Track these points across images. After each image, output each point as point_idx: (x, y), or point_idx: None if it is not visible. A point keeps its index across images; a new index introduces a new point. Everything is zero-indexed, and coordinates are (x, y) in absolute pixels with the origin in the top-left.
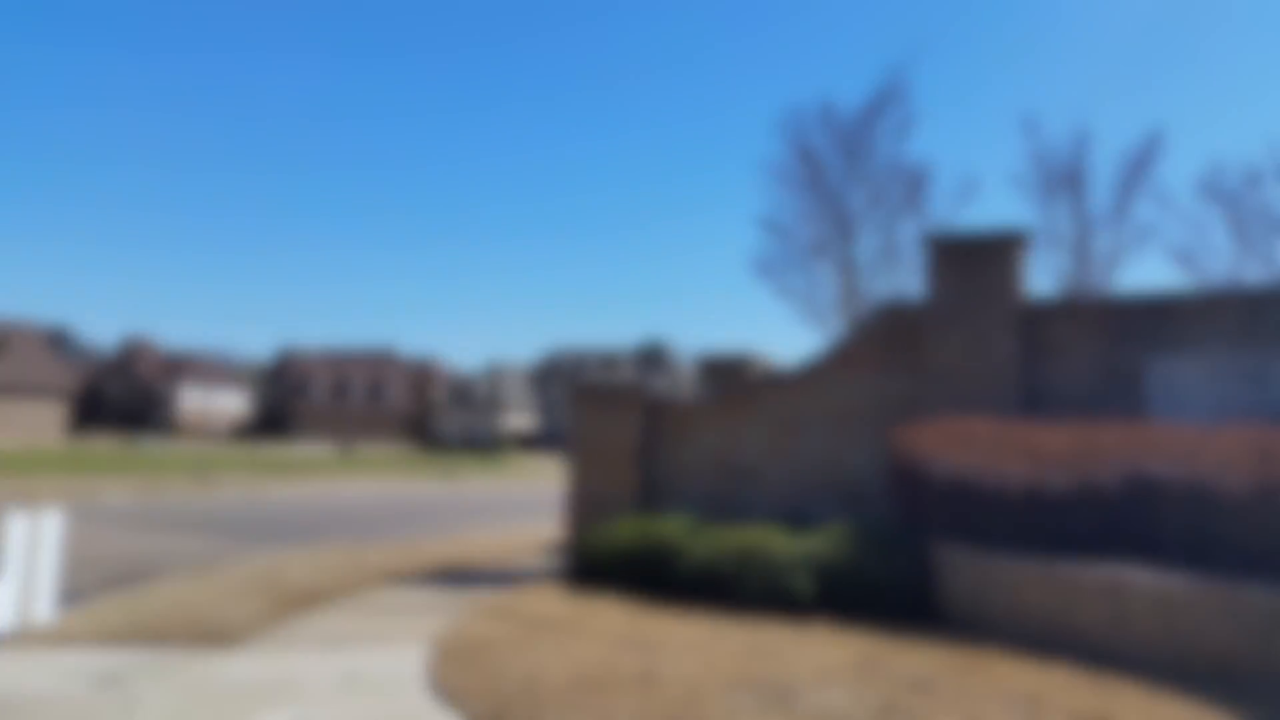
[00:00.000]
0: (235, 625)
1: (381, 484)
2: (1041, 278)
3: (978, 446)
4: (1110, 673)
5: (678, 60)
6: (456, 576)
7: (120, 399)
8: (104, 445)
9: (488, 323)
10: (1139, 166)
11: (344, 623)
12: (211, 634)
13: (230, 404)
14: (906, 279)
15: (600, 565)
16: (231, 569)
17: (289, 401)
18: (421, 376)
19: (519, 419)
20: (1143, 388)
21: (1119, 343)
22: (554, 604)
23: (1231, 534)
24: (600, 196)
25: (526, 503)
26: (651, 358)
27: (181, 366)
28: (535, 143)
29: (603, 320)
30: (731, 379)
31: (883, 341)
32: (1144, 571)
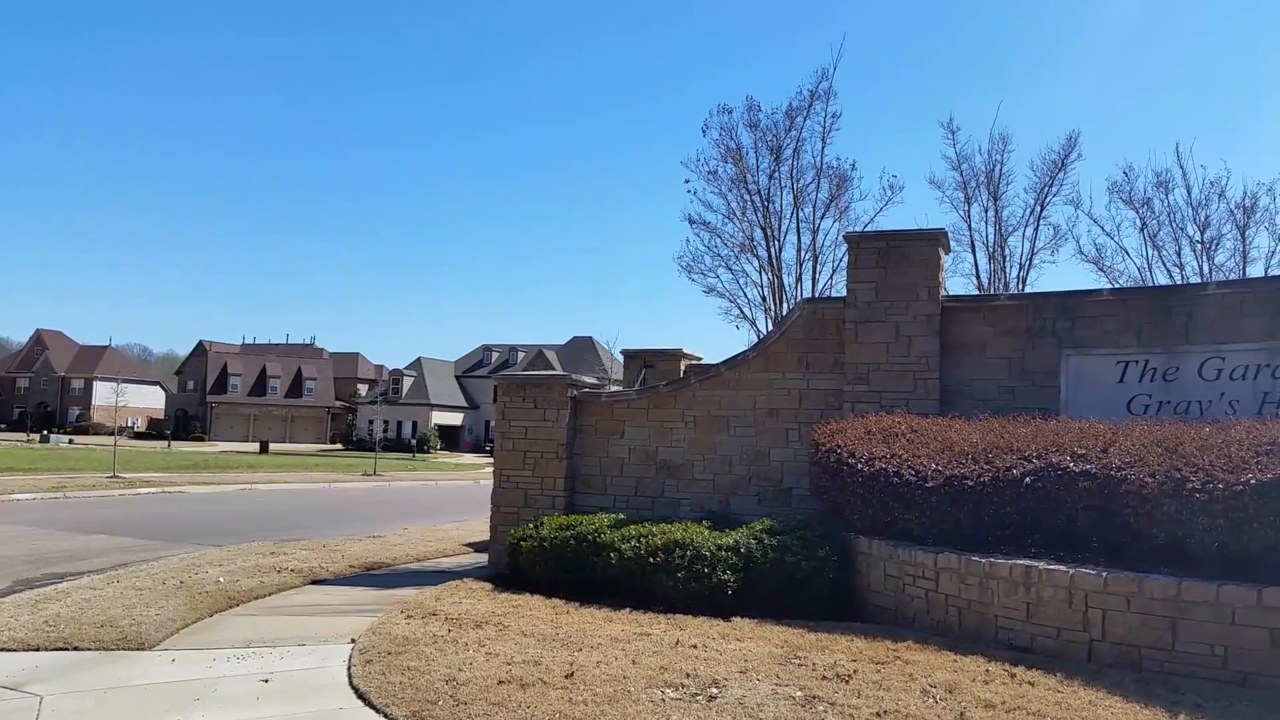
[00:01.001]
0: (150, 628)
1: (304, 482)
2: (960, 277)
3: (898, 442)
4: (1025, 662)
5: (608, 56)
6: (380, 576)
7: (30, 395)
8: (13, 442)
9: (414, 318)
10: (1054, 170)
11: (263, 625)
12: (125, 638)
13: (146, 400)
14: (832, 278)
15: (526, 563)
16: (147, 570)
17: (207, 397)
18: (346, 371)
19: (446, 415)
20: (1057, 384)
21: (1034, 341)
22: (479, 602)
23: (1140, 526)
24: (531, 192)
25: (453, 500)
26: (581, 353)
27: (95, 361)
28: (463, 137)
29: (533, 317)
30: (660, 375)
31: (807, 339)
32: (1056, 563)
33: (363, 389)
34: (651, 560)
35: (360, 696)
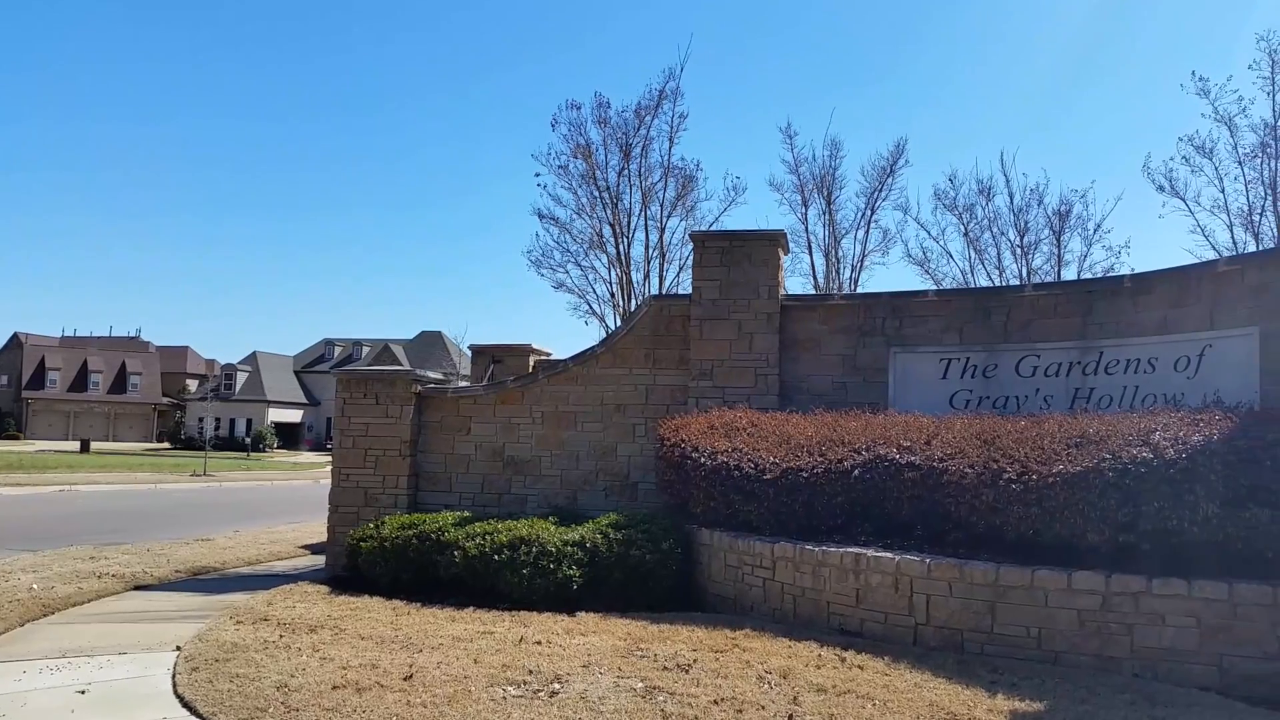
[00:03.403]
0: None
1: (128, 482)
2: (798, 277)
3: (739, 436)
4: (855, 646)
5: (455, 46)
6: (209, 581)
7: None
8: None
9: (250, 310)
10: (884, 176)
11: (82, 633)
12: None
13: None
14: (679, 275)
15: (366, 564)
16: None
17: (23, 393)
18: (174, 366)
19: (284, 412)
20: (886, 380)
21: (865, 339)
22: (315, 606)
23: (961, 514)
24: (379, 181)
25: (290, 501)
26: (430, 349)
27: None
28: (306, 120)
29: (379, 310)
30: (509, 371)
31: (654, 335)
32: (884, 550)
33: (193, 385)
34: (497, 558)
35: (185, 706)
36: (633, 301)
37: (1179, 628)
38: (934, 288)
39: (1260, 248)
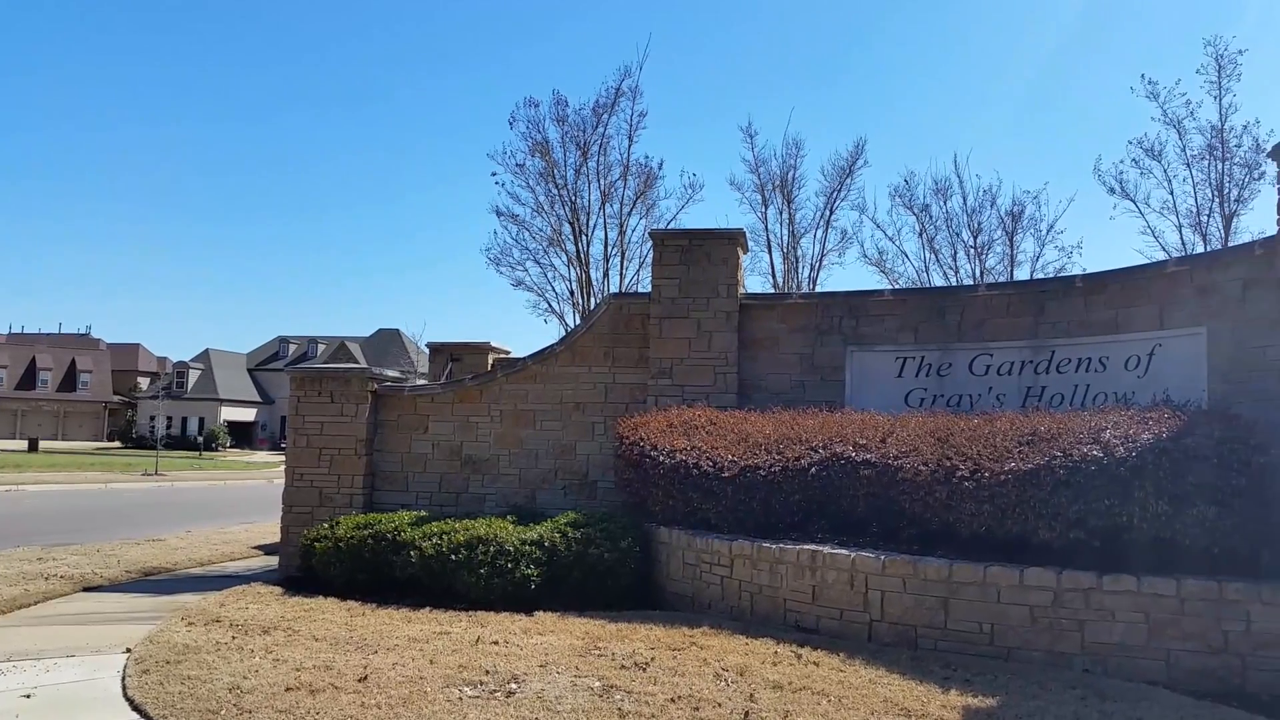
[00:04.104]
0: None
1: (77, 482)
2: (757, 276)
3: (698, 434)
4: (811, 643)
5: (414, 45)
6: (160, 582)
7: None
8: None
9: (204, 307)
10: (843, 176)
11: (28, 636)
12: None
13: None
14: (639, 273)
15: (321, 564)
16: None
17: None
18: (125, 364)
19: (237, 411)
20: (843, 378)
21: (822, 337)
22: (268, 607)
23: (916, 511)
24: (336, 179)
25: (243, 501)
26: (387, 346)
27: None
28: (261, 120)
29: (336, 307)
30: (467, 369)
31: (613, 334)
32: (840, 547)
33: (144, 383)
34: (454, 557)
35: (135, 709)
36: (592, 300)
37: (1129, 623)
38: (890, 287)
39: (1208, 249)
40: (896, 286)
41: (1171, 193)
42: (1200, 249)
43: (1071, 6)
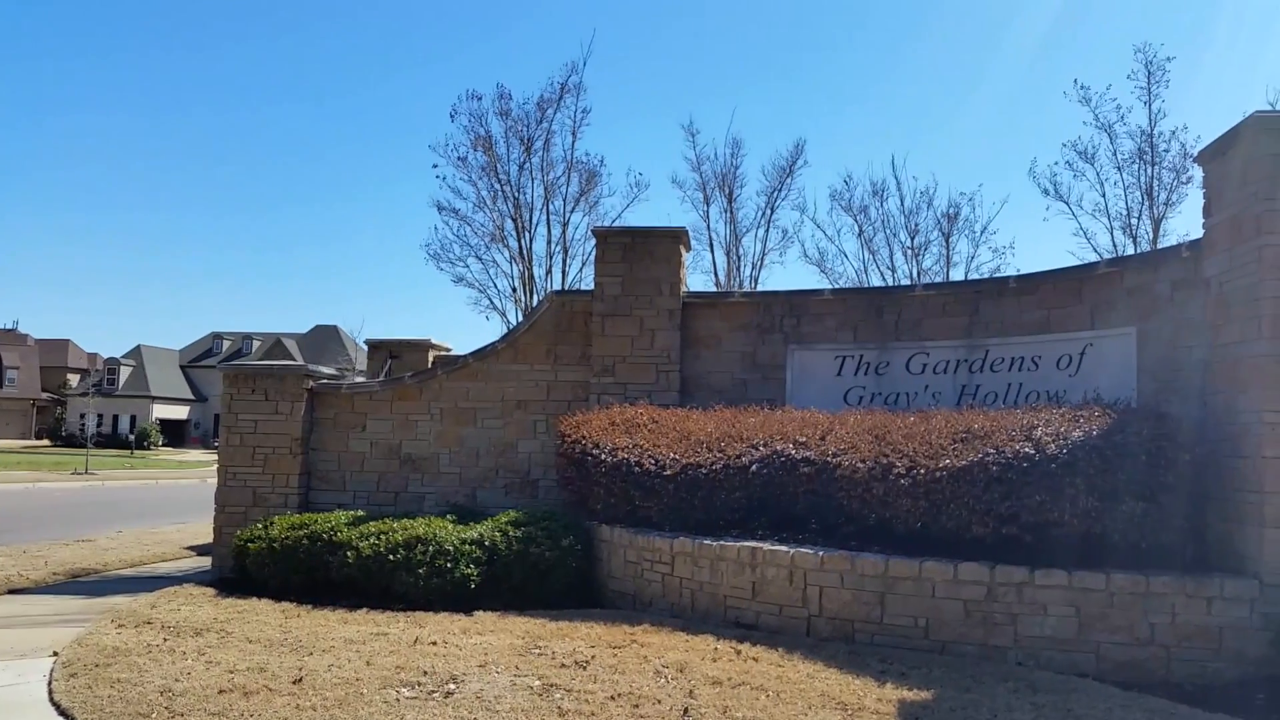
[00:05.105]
0: None
1: (4, 481)
2: (700, 274)
3: (640, 432)
4: (751, 639)
5: (355, 36)
6: (89, 583)
7: None
8: None
9: (136, 303)
10: (783, 176)
11: None
12: None
13: None
14: (582, 270)
15: (254, 565)
16: None
17: None
18: (55, 360)
19: (170, 408)
20: (783, 377)
21: (764, 336)
22: (200, 608)
23: (854, 508)
24: (268, 173)
25: (177, 500)
26: (325, 343)
27: None
28: (195, 113)
29: (272, 303)
30: (407, 366)
31: (556, 331)
32: (779, 544)
33: (74, 379)
34: (392, 558)
35: (62, 713)
36: (535, 297)
37: (1060, 617)
38: (830, 287)
39: (1138, 250)
40: (837, 286)
41: (1103, 195)
42: (1131, 251)
43: (1005, 12)
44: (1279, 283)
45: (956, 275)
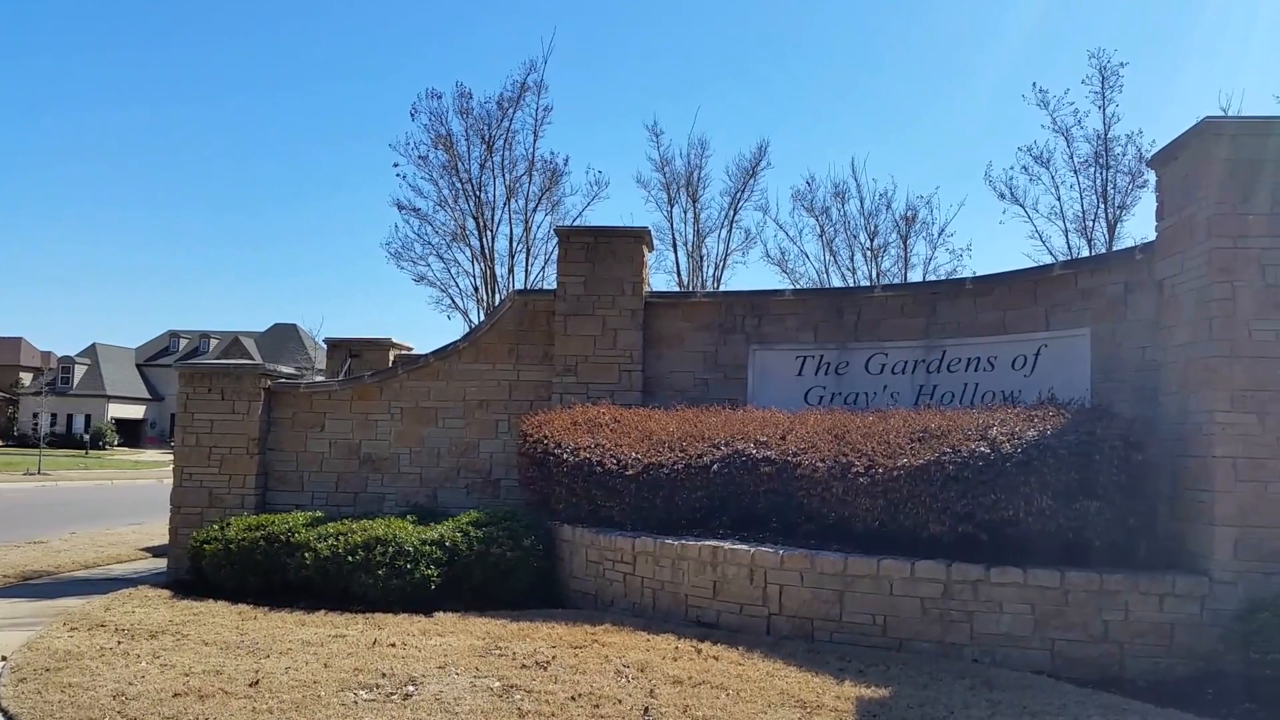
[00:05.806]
0: None
1: None
2: (663, 274)
3: (602, 432)
4: (711, 638)
5: (310, 30)
6: (41, 586)
7: None
8: None
9: (91, 301)
10: (746, 177)
11: None
12: None
13: None
14: (544, 270)
15: (211, 567)
16: None
17: None
18: (7, 358)
19: (125, 408)
20: (745, 376)
21: (726, 336)
22: (155, 611)
23: (813, 507)
24: (227, 170)
25: (131, 501)
26: (284, 341)
27: None
28: (152, 109)
29: (230, 301)
30: (368, 365)
31: (518, 330)
32: (740, 542)
33: (27, 378)
34: (350, 559)
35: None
36: (496, 296)
37: (1015, 614)
38: (791, 288)
39: (1093, 253)
40: (798, 287)
41: (1059, 198)
42: (1085, 253)
43: (965, 17)
44: (1229, 285)
45: (915, 277)
